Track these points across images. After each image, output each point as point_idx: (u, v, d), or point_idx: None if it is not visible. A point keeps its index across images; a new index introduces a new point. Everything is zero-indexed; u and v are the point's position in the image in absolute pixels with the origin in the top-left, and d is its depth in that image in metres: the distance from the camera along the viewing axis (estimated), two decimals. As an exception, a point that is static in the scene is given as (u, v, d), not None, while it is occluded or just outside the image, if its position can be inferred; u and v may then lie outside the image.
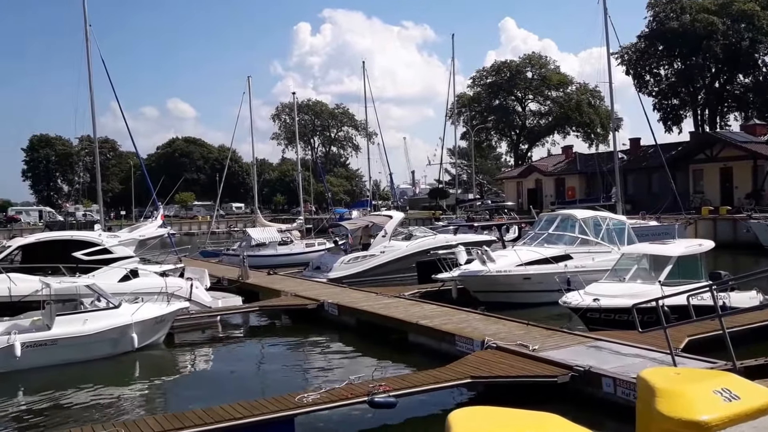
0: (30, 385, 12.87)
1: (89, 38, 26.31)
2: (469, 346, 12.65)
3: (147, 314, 15.28)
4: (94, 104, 26.74)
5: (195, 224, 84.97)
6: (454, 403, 10.29)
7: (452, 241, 26.20)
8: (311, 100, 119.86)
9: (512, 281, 19.32)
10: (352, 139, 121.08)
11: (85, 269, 17.36)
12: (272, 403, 9.49)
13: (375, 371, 13.47)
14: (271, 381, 13.42)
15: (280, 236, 36.49)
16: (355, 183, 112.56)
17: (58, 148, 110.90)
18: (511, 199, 66.33)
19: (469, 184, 72.81)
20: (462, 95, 76.65)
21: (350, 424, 10.00)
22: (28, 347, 13.40)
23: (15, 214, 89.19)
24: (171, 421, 8.88)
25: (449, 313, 15.89)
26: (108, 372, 13.94)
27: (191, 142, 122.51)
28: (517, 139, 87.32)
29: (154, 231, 23.00)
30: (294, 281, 23.78)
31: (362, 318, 16.90)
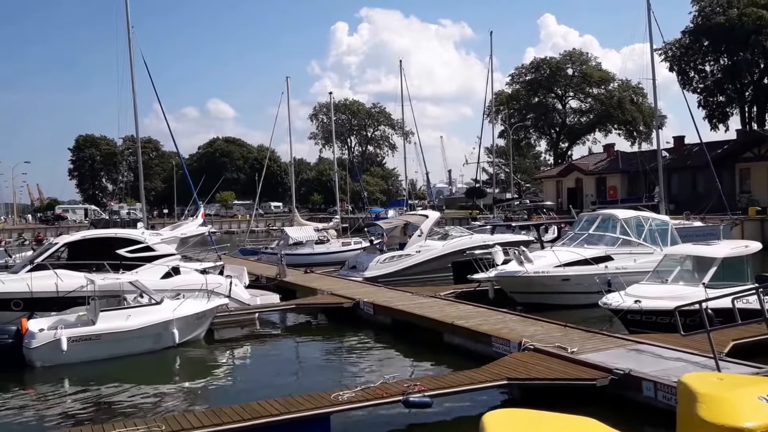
0: (75, 378, 13.21)
1: (132, 40, 26.81)
2: (506, 348, 12.56)
3: (188, 310, 15.55)
4: (137, 105, 27.30)
5: (234, 223, 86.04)
6: (490, 404, 10.23)
7: (489, 241, 26.05)
8: (348, 100, 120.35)
9: (550, 282, 19.12)
10: (388, 138, 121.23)
11: (128, 266, 17.68)
12: (308, 400, 9.57)
13: (410, 371, 13.53)
14: (307, 378, 13.54)
15: (316, 235, 36.78)
16: (391, 182, 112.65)
17: (102, 148, 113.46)
18: (550, 199, 65.55)
19: (507, 183, 72.10)
20: (500, 93, 75.93)
21: (385, 423, 10.02)
22: (73, 341, 13.78)
23: (62, 212, 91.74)
24: (209, 417, 9.01)
25: (485, 313, 15.80)
26: (149, 367, 14.23)
27: (231, 142, 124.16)
28: (557, 137, 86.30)
29: (195, 229, 23.29)
30: (330, 280, 23.93)
31: (397, 317, 16.91)
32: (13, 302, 15.97)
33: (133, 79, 26.69)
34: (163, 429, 8.55)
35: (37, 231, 73.52)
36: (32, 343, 13.65)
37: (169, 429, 8.58)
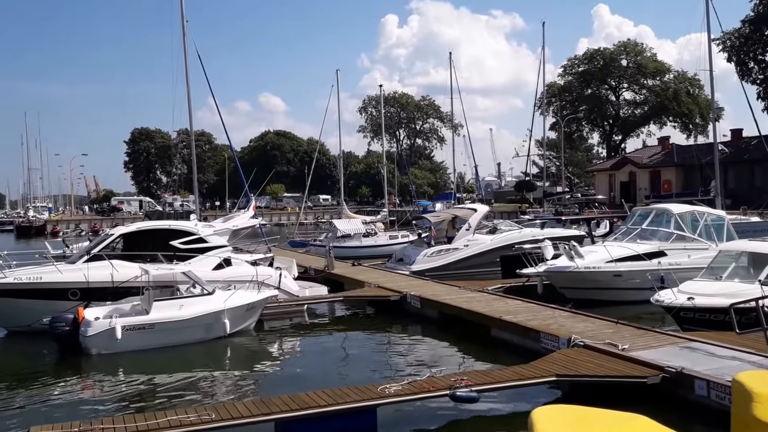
0: (128, 366, 13.58)
1: (186, 34, 27.30)
2: (555, 344, 12.43)
3: (239, 301, 15.81)
4: (191, 99, 27.82)
5: (284, 215, 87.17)
6: (538, 401, 10.13)
7: (539, 235, 25.71)
8: (397, 93, 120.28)
9: (601, 278, 18.81)
10: (437, 131, 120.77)
11: (181, 257, 18.09)
12: (355, 392, 9.64)
13: (457, 365, 13.50)
14: (354, 370, 13.63)
15: (364, 228, 36.95)
16: (439, 175, 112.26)
17: (157, 141, 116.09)
18: (603, 193, 64.33)
19: (558, 176, 71.13)
20: (552, 84, 74.92)
21: (431, 417, 10.03)
22: (128, 330, 14.16)
23: (117, 204, 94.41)
24: (258, 406, 9.16)
25: (534, 309, 15.64)
26: (201, 356, 14.55)
27: (282, 136, 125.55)
28: (610, 129, 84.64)
29: (246, 221, 23.67)
30: (377, 273, 24.02)
31: (444, 311, 16.88)
32: (71, 291, 16.51)
33: (188, 72, 27.22)
34: (213, 417, 8.72)
35: (94, 222, 75.98)
36: (88, 331, 14.07)
37: (219, 417, 8.74)
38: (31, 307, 16.08)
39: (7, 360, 15.27)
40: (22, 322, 16.26)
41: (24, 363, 14.39)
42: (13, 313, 16.40)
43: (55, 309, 15.42)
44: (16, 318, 16.46)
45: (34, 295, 16.35)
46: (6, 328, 16.90)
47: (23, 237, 69.91)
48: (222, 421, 8.70)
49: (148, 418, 8.77)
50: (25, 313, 16.15)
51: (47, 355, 14.80)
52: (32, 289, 16.38)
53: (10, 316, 16.57)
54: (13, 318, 16.54)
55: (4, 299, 16.32)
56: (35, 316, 15.65)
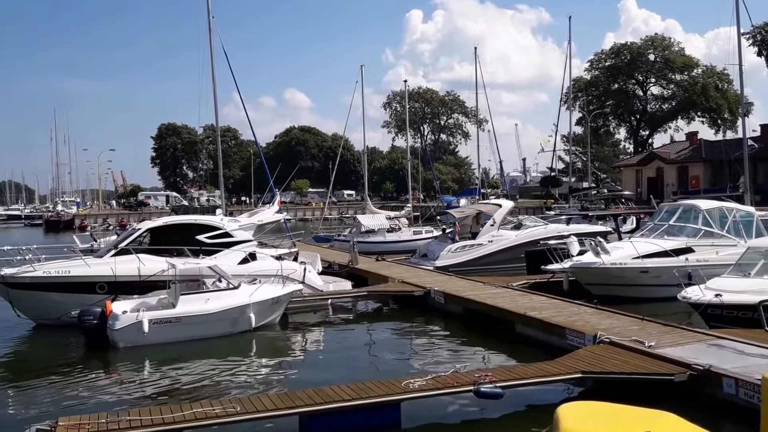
0: (155, 358, 13.73)
1: (212, 30, 27.46)
2: (580, 340, 12.34)
3: (264, 295, 15.93)
4: (217, 95, 28.00)
5: (309, 210, 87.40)
6: (563, 397, 10.08)
7: (564, 231, 25.56)
8: (422, 88, 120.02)
9: (628, 274, 18.64)
10: (461, 126, 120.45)
11: (207, 251, 18.25)
12: (379, 386, 9.65)
13: (481, 361, 13.47)
14: (378, 365, 13.66)
15: (388, 223, 36.99)
16: (463, 171, 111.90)
17: (183, 137, 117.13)
18: (629, 188, 63.66)
19: (584, 172, 70.43)
20: (578, 79, 74.21)
21: (455, 412, 10.02)
22: (154, 324, 14.31)
23: (144, 199, 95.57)
24: (283, 400, 9.22)
25: (559, 305, 15.55)
26: (227, 349, 14.64)
27: (306, 131, 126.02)
28: (637, 124, 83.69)
29: (271, 216, 23.86)
30: (401, 268, 24.03)
31: (469, 307, 16.84)
32: (98, 285, 16.70)
33: (213, 68, 27.36)
34: (238, 410, 8.78)
35: (121, 216, 76.92)
36: (116, 324, 14.23)
37: (244, 410, 8.80)
38: (60, 300, 16.35)
39: (36, 352, 15.53)
40: (51, 315, 16.53)
41: (52, 355, 14.62)
42: (42, 306, 16.67)
43: (83, 302, 15.63)
44: (45, 311, 16.72)
45: (63, 289, 16.60)
46: (35, 320, 17.13)
47: (52, 231, 71.15)
48: (247, 414, 8.76)
49: (174, 410, 8.84)
50: (53, 306, 16.42)
51: (75, 347, 15.01)
52: (61, 283, 16.64)
53: (39, 309, 16.83)
54: (42, 311, 16.80)
55: (33, 292, 16.61)
56: (64, 309, 15.92)
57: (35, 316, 17.09)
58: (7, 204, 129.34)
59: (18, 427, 9.09)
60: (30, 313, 17.05)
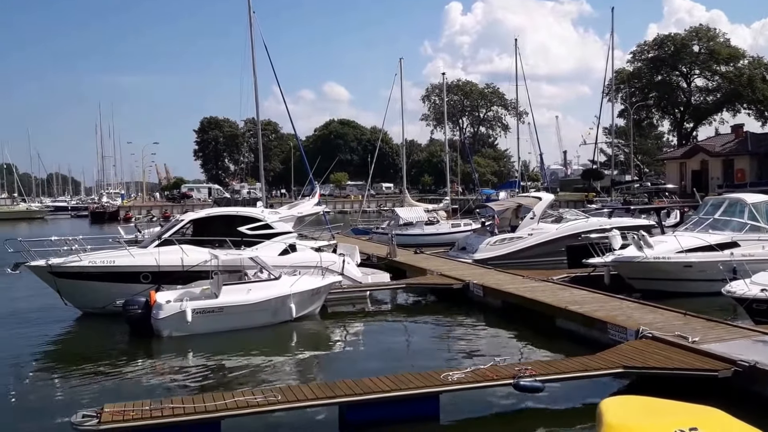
0: (198, 348, 13.96)
1: (253, 25, 27.72)
2: (622, 335, 12.17)
3: (304, 286, 16.08)
4: (258, 89, 28.27)
5: (348, 203, 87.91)
6: (604, 392, 9.92)
7: (606, 224, 25.19)
8: (461, 81, 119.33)
9: (671, 269, 18.30)
10: (501, 118, 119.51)
11: (248, 243, 18.46)
12: (418, 378, 9.66)
13: (520, 355, 13.39)
14: (417, 357, 13.63)
15: (426, 216, 36.94)
16: (503, 164, 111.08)
17: (225, 130, 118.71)
18: (673, 182, 62.23)
19: (626, 164, 69.22)
20: (621, 71, 72.83)
21: (494, 405, 9.98)
22: (197, 313, 14.53)
23: (187, 191, 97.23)
24: (323, 390, 9.29)
25: (601, 299, 15.35)
26: (267, 339, 14.84)
27: (346, 124, 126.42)
28: (681, 117, 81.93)
29: (311, 209, 23.93)
30: (439, 261, 24.00)
31: (508, 300, 16.74)
32: (142, 275, 17.04)
33: (254, 62, 27.68)
34: (279, 399, 8.88)
35: (164, 208, 78.48)
36: (160, 314, 14.49)
37: (285, 399, 8.90)
38: (105, 289, 16.72)
39: (82, 340, 15.90)
40: (97, 304, 16.91)
41: (98, 343, 14.97)
42: (88, 295, 17.09)
43: (128, 292, 15.95)
44: (91, 300, 17.13)
45: (108, 278, 16.98)
46: (81, 309, 17.55)
47: (97, 222, 72.98)
48: (288, 403, 8.85)
49: (216, 398, 8.97)
50: (99, 296, 16.80)
51: (120, 336, 15.29)
52: (106, 273, 17.02)
53: (85, 298, 17.26)
54: (88, 300, 17.22)
55: (79, 282, 17.03)
56: (109, 299, 16.28)
57: (81, 304, 17.50)
58: (55, 196, 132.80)
59: (65, 412, 9.26)
60: (76, 301, 17.48)
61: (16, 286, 21.97)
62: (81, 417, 8.22)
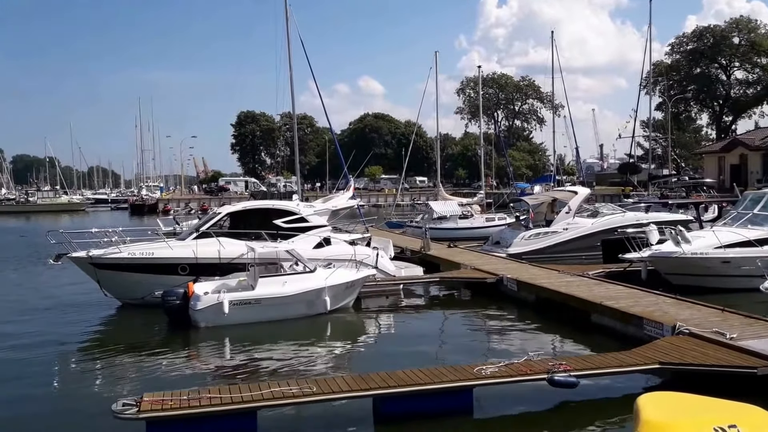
0: (234, 339, 14.19)
1: (289, 18, 27.86)
2: (659, 331, 12.04)
3: (339, 279, 16.20)
4: (294, 83, 28.44)
5: (381, 196, 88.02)
6: (640, 389, 9.86)
7: (643, 219, 24.86)
8: (496, 74, 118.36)
9: (709, 264, 18.00)
10: (536, 111, 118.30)
11: (284, 236, 18.63)
12: (451, 372, 9.69)
13: (555, 350, 13.33)
14: (450, 351, 13.66)
15: (460, 210, 36.83)
16: (538, 157, 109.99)
17: (262, 124, 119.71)
18: (711, 176, 61.04)
19: (664, 158, 68.08)
20: (659, 63, 71.58)
21: (528, 400, 9.96)
22: (234, 305, 14.77)
23: (225, 184, 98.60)
24: (357, 382, 9.37)
25: (637, 295, 15.19)
26: (302, 331, 14.98)
27: (380, 118, 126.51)
28: (720, 110, 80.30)
29: (345, 202, 24.07)
30: (473, 255, 23.95)
31: (542, 295, 16.65)
32: (180, 267, 17.32)
33: (290, 57, 27.77)
34: (314, 390, 8.98)
35: (202, 201, 79.65)
36: (197, 305, 14.74)
37: (320, 390, 9.00)
38: (144, 280, 17.04)
39: (121, 331, 16.20)
40: (136, 295, 17.24)
41: (137, 334, 15.26)
42: (127, 286, 17.42)
43: (166, 283, 16.23)
44: (130, 291, 17.45)
45: (147, 270, 17.28)
46: (120, 300, 17.90)
47: (136, 214, 74.33)
48: (323, 395, 8.96)
49: (253, 388, 9.11)
50: (138, 287, 17.12)
51: (158, 326, 15.58)
52: (145, 264, 17.33)
53: (125, 289, 17.59)
54: (127, 291, 17.55)
55: (119, 273, 17.37)
56: (147, 290, 16.59)
57: (121, 295, 17.85)
58: (95, 188, 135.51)
59: (105, 401, 9.47)
60: (116, 292, 17.84)
61: (59, 276, 22.60)
62: (121, 405, 8.41)
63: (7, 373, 12.08)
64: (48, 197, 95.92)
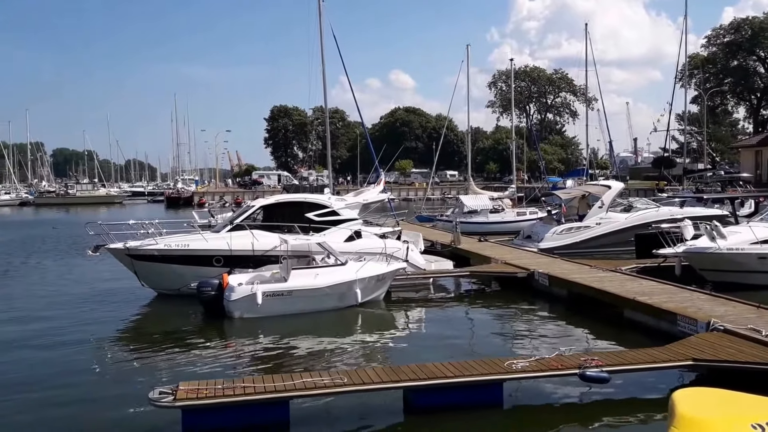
0: (267, 329, 14.39)
1: (322, 15, 27.96)
2: (692, 327, 11.91)
3: (370, 272, 16.31)
4: (327, 79, 28.53)
5: (412, 190, 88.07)
6: (672, 385, 9.80)
7: (677, 214, 24.54)
8: (528, 66, 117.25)
9: (745, 260, 17.71)
10: (569, 105, 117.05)
11: (316, 229, 18.82)
12: (482, 365, 9.69)
13: (586, 345, 13.26)
14: (480, 344, 13.68)
15: (491, 204, 36.70)
16: (570, 151, 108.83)
17: (294, 118, 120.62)
18: (748, 170, 59.82)
19: (699, 152, 66.88)
20: (695, 56, 70.39)
21: (559, 395, 9.96)
22: (267, 296, 14.98)
23: (258, 178, 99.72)
24: (388, 374, 9.43)
25: (671, 290, 15.02)
26: (334, 323, 15.16)
27: (411, 112, 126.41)
28: (758, 103, 78.61)
29: (376, 196, 24.16)
30: (504, 249, 23.87)
31: (574, 290, 16.56)
32: (215, 258, 17.65)
33: (323, 52, 27.89)
34: (345, 381, 9.08)
35: (236, 194, 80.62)
36: (232, 296, 14.99)
37: (351, 382, 9.09)
38: (179, 272, 17.37)
39: (158, 320, 16.52)
40: (172, 286, 17.59)
41: (173, 323, 15.56)
42: (164, 277, 17.79)
43: (201, 274, 16.52)
44: (166, 282, 17.82)
45: (182, 261, 17.64)
46: (157, 290, 18.28)
47: (172, 207, 75.60)
48: (354, 386, 9.05)
49: (285, 379, 9.24)
50: (173, 278, 17.47)
51: (193, 316, 15.88)
52: (180, 256, 17.67)
53: (161, 280, 17.97)
54: (163, 282, 17.93)
55: (155, 264, 17.74)
56: (183, 281, 16.90)
57: (157, 286, 18.23)
58: (132, 181, 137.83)
59: (142, 389, 9.73)
60: (152, 283, 18.22)
61: (97, 267, 23.11)
62: (158, 393, 8.59)
63: (48, 361, 12.44)
64: (87, 190, 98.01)
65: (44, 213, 73.50)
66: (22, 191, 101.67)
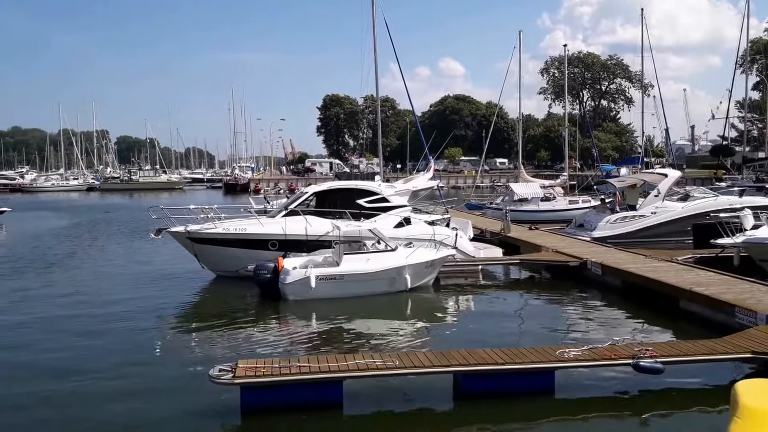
0: (321, 312, 14.68)
1: (374, 4, 28.03)
2: (751, 319, 11.67)
3: (419, 258, 16.46)
4: (378, 67, 28.62)
5: (461, 178, 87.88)
6: (729, 378, 9.63)
7: (736, 204, 23.86)
8: (582, 52, 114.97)
9: (808, 252, 17.19)
10: (624, 91, 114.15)
11: (366, 215, 19.09)
12: (533, 353, 9.69)
13: (640, 335, 13.10)
14: (530, 332, 13.64)
15: (542, 192, 36.34)
16: (625, 139, 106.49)
17: (346, 107, 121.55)
18: (813, 160, 57.68)
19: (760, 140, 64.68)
20: (757, 40, 67.91)
21: (611, 385, 9.88)
22: (320, 280, 15.31)
23: (311, 165, 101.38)
24: (438, 358, 9.55)
25: (729, 281, 14.70)
26: (384, 307, 15.37)
27: (461, 100, 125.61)
28: (825, 90, 75.28)
29: (425, 183, 24.29)
30: (555, 237, 23.66)
31: (628, 280, 16.34)
32: (270, 242, 18.12)
33: (375, 41, 27.97)
34: (397, 364, 9.24)
35: (290, 181, 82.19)
36: (287, 279, 15.39)
37: (403, 365, 9.24)
38: (237, 255, 17.91)
39: (217, 301, 17.00)
40: (229, 268, 18.12)
41: (231, 304, 16.01)
42: (221, 260, 18.35)
43: (256, 257, 17.00)
44: (224, 264, 18.38)
45: (239, 245, 18.17)
46: (215, 272, 18.88)
47: (230, 193, 77.87)
48: (405, 369, 9.20)
49: (339, 359, 9.45)
50: (231, 261, 18.01)
51: (250, 298, 16.32)
52: (238, 239, 18.20)
53: (219, 263, 18.53)
54: (221, 264, 18.49)
55: (214, 247, 18.30)
56: (240, 263, 17.40)
57: (215, 268, 18.80)
58: (192, 168, 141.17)
59: (203, 366, 10.10)
60: (211, 265, 18.79)
61: (159, 250, 23.87)
62: (218, 371, 8.90)
63: (113, 340, 12.96)
64: (149, 176, 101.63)
65: (109, 198, 76.29)
66: (89, 177, 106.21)
